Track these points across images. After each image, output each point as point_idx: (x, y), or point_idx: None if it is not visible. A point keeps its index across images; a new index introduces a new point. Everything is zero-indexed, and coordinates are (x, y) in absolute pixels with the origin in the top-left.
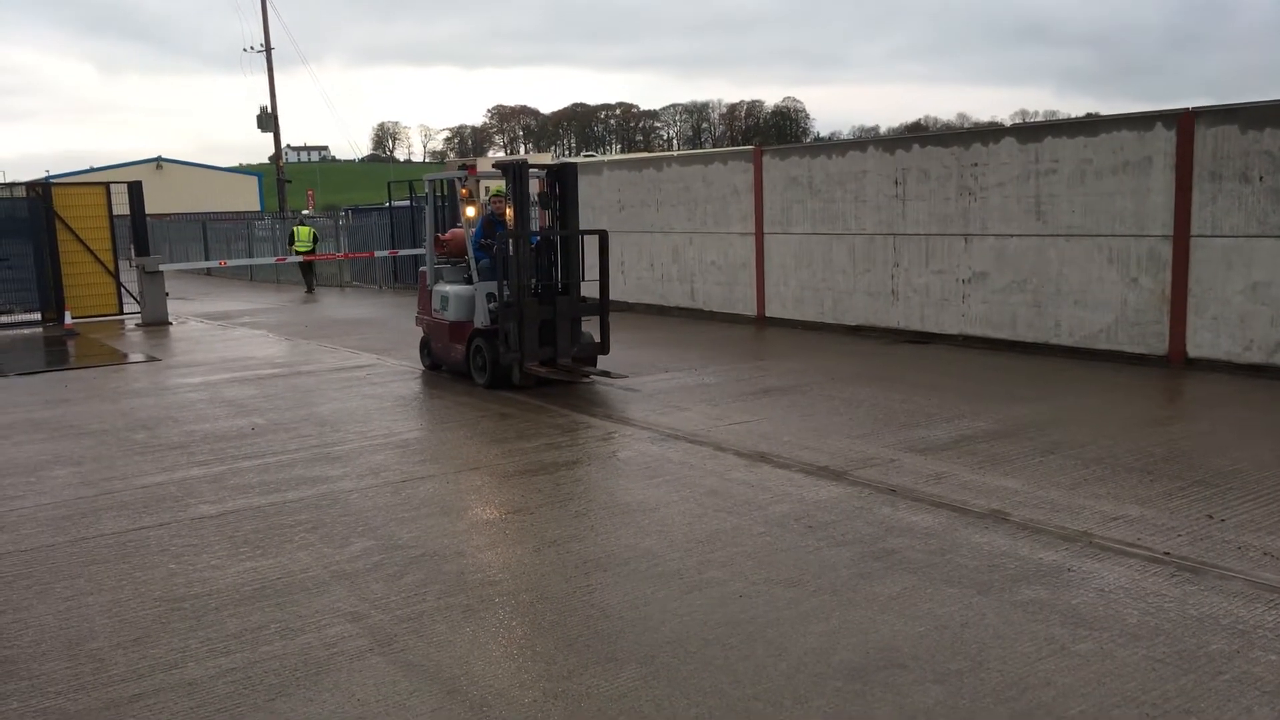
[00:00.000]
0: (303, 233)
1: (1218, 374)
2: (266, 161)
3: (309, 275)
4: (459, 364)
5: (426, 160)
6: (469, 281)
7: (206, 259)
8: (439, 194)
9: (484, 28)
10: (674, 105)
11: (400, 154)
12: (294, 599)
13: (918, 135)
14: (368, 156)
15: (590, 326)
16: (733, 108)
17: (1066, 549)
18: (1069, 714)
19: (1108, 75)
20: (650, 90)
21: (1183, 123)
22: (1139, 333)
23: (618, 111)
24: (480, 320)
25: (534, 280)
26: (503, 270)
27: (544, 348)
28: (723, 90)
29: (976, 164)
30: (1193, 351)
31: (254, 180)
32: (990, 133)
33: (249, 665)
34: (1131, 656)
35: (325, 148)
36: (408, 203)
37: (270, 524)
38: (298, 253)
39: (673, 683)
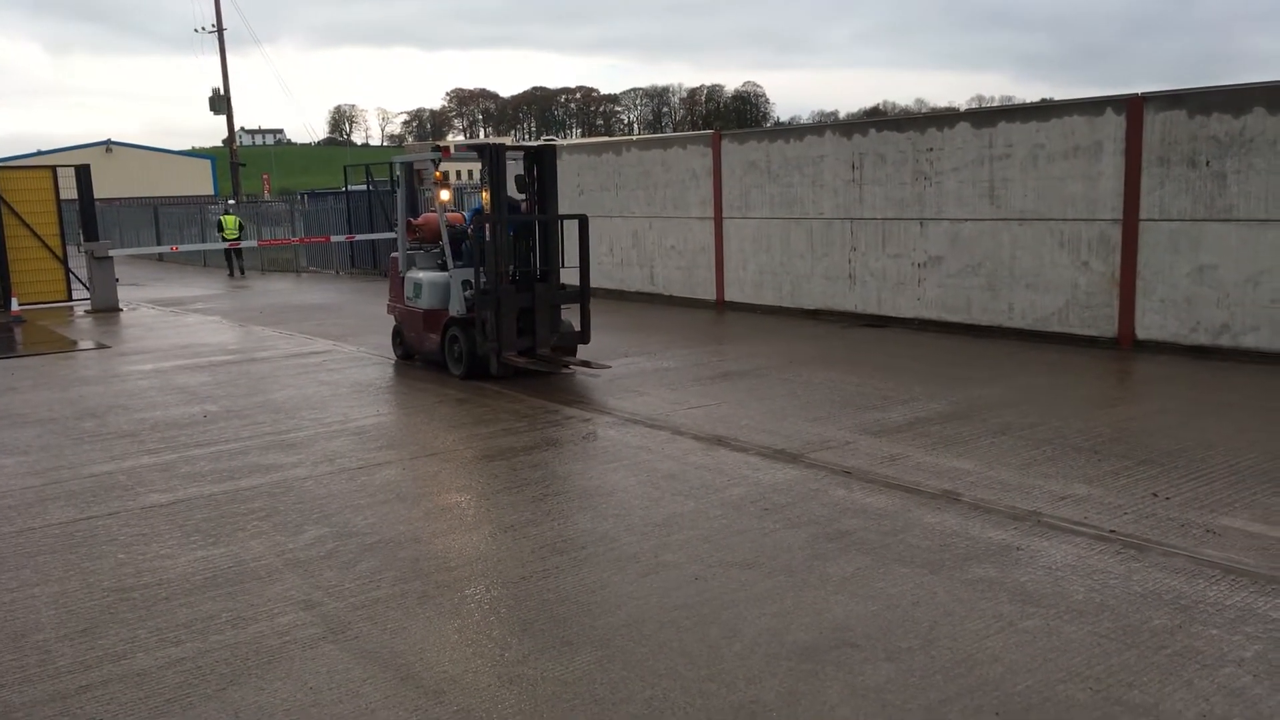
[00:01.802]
0: (229, 221)
1: (1165, 355)
2: (220, 145)
3: (236, 260)
4: (433, 354)
5: (385, 144)
6: (443, 268)
7: (159, 244)
8: (403, 176)
9: (445, 8)
10: (635, 89)
11: (358, 137)
12: (246, 588)
13: (874, 120)
14: (324, 140)
15: (569, 315)
16: (693, 92)
17: (1016, 528)
18: (1016, 689)
19: (1066, 60)
20: (611, 74)
21: (1132, 108)
22: (1090, 315)
23: (578, 95)
24: (456, 308)
25: (512, 267)
26: (479, 256)
27: (522, 337)
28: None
29: (932, 149)
30: (1141, 334)
31: (207, 164)
32: (945, 118)
33: (199, 655)
34: (1077, 632)
35: (281, 131)
36: (365, 187)
37: (222, 512)
38: (225, 240)
39: (628, 665)
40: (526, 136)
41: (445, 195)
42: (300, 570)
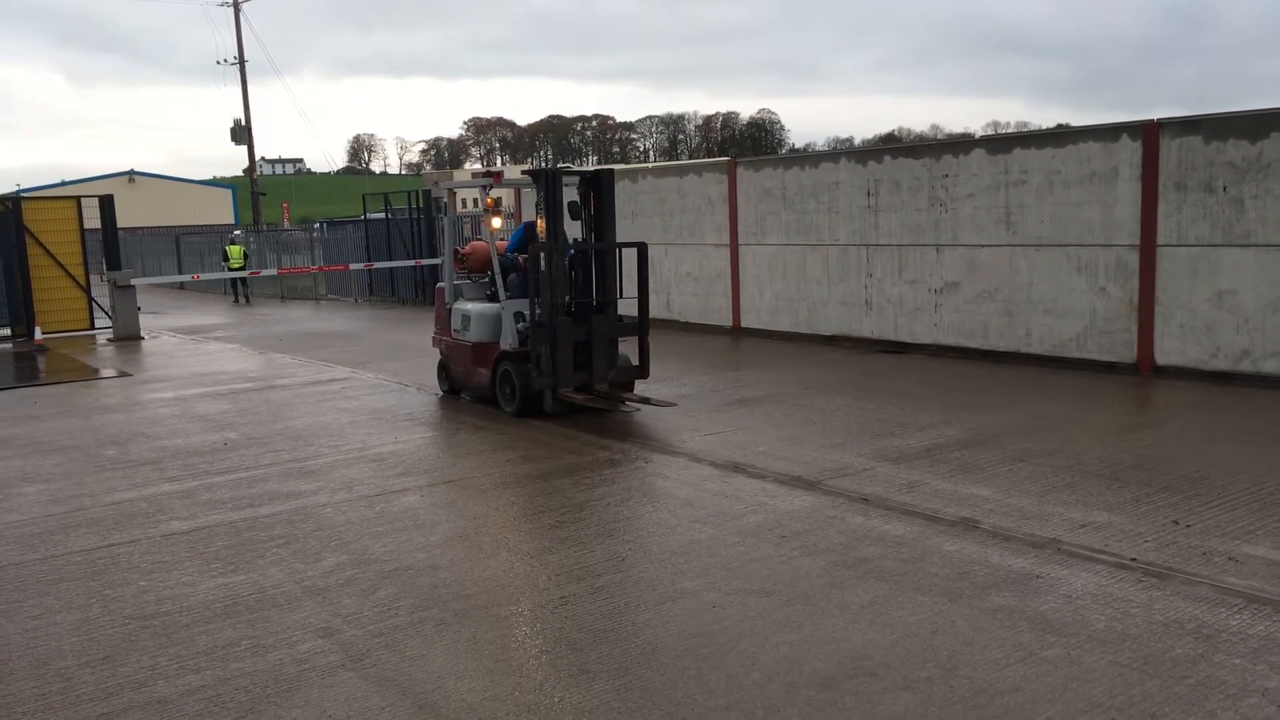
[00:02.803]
0: (234, 251)
1: (1185, 381)
2: (241, 174)
3: (241, 288)
4: (483, 389)
5: (403, 173)
6: (492, 299)
7: (180, 273)
8: (449, 204)
9: (462, 38)
10: (650, 117)
11: (376, 166)
12: (265, 615)
13: (889, 147)
14: (343, 169)
15: (626, 348)
16: (708, 119)
17: (1035, 556)
18: (1036, 719)
19: (1082, 86)
20: (627, 102)
21: (1148, 134)
22: (1108, 341)
23: (594, 123)
24: (508, 342)
25: (567, 298)
26: (535, 287)
27: (579, 372)
28: (699, 102)
29: (947, 175)
30: (1160, 359)
31: (228, 193)
32: (960, 144)
33: (219, 683)
34: (1098, 662)
35: (300, 160)
36: (383, 215)
37: (242, 540)
38: (231, 269)
39: (646, 694)
40: (543, 165)
41: (497, 223)
42: (319, 598)
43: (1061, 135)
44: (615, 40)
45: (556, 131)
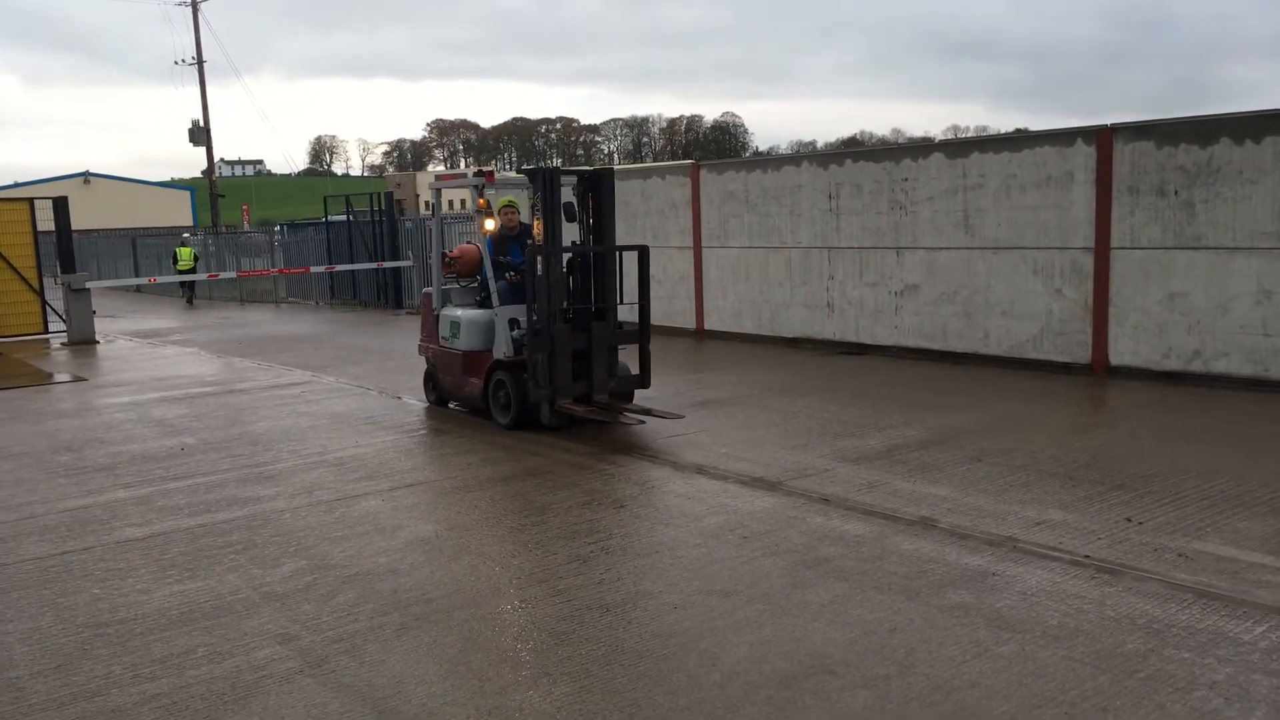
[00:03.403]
0: (184, 253)
1: (1138, 381)
2: (200, 176)
3: (189, 290)
4: (473, 400)
5: (365, 175)
6: (482, 305)
7: (137, 275)
8: (436, 205)
9: (426, 39)
10: (615, 119)
11: (338, 168)
12: (222, 622)
13: (850, 150)
14: (304, 170)
15: (625, 356)
16: (673, 122)
17: (992, 554)
18: (992, 715)
19: (1042, 90)
20: (592, 104)
21: (1102, 139)
22: (1064, 342)
23: (558, 126)
24: (502, 350)
25: (565, 304)
26: (532, 292)
27: (578, 382)
28: (664, 105)
29: (907, 178)
30: (1115, 360)
31: (186, 195)
32: (920, 148)
33: (175, 690)
34: (1052, 657)
35: (261, 162)
36: (345, 218)
37: (199, 546)
38: (180, 272)
39: (607, 696)
40: (507, 167)
41: (490, 225)
42: (277, 604)
43: (1018, 140)
44: (581, 42)
45: (521, 134)
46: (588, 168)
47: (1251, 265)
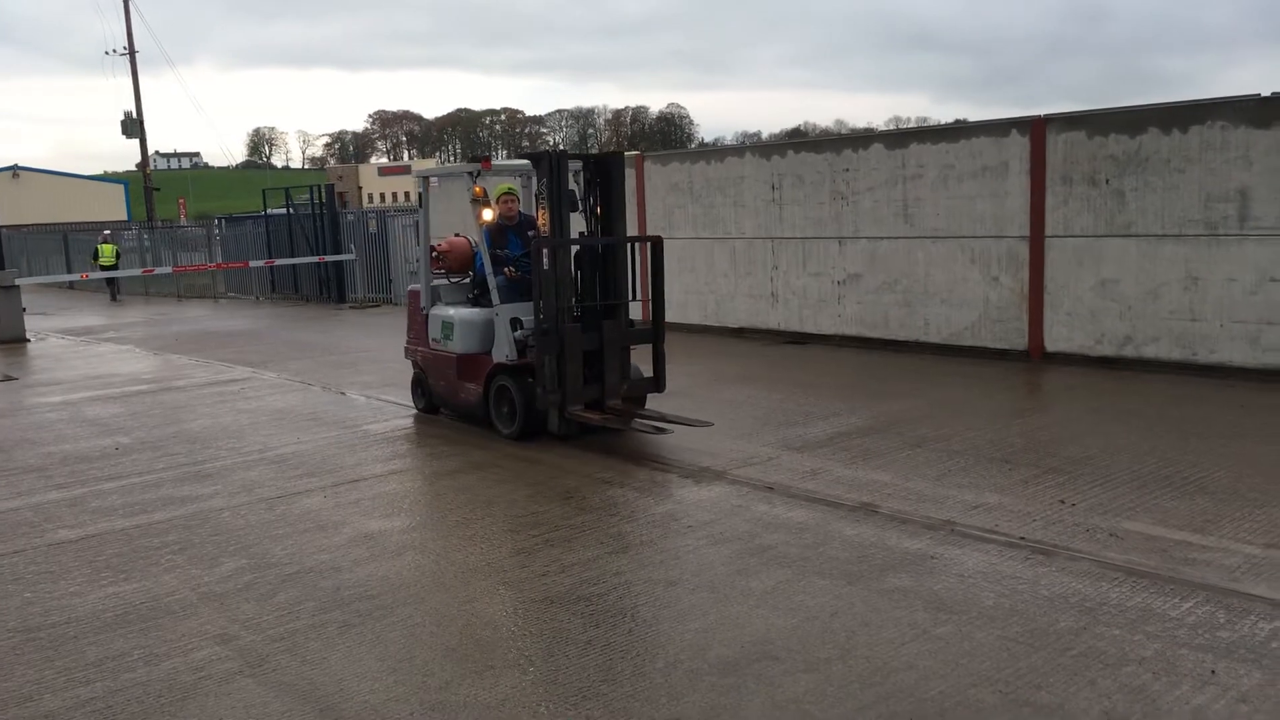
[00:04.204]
0: (106, 250)
1: (1073, 367)
2: (134, 169)
3: (113, 286)
4: (471, 408)
5: (305, 167)
6: (477, 303)
7: (69, 272)
8: (425, 195)
9: (368, 28)
10: (560, 111)
11: (278, 160)
12: (159, 623)
13: (793, 141)
14: (243, 163)
15: (636, 357)
16: (618, 113)
17: (930, 537)
18: (929, 695)
19: (985, 82)
20: (537, 95)
21: (1035, 129)
22: (1001, 329)
23: (503, 117)
24: (503, 353)
25: (573, 301)
26: (538, 288)
27: (588, 386)
28: (610, 95)
29: (849, 169)
30: (1050, 346)
31: (120, 189)
32: (860, 139)
33: (110, 694)
34: (988, 637)
35: (198, 154)
36: (285, 211)
37: (134, 547)
38: (102, 268)
39: (551, 688)
40: (451, 159)
41: (488, 215)
42: (216, 604)
43: (955, 130)
44: (525, 32)
45: (465, 125)
46: (593, 153)
47: (1179, 252)
